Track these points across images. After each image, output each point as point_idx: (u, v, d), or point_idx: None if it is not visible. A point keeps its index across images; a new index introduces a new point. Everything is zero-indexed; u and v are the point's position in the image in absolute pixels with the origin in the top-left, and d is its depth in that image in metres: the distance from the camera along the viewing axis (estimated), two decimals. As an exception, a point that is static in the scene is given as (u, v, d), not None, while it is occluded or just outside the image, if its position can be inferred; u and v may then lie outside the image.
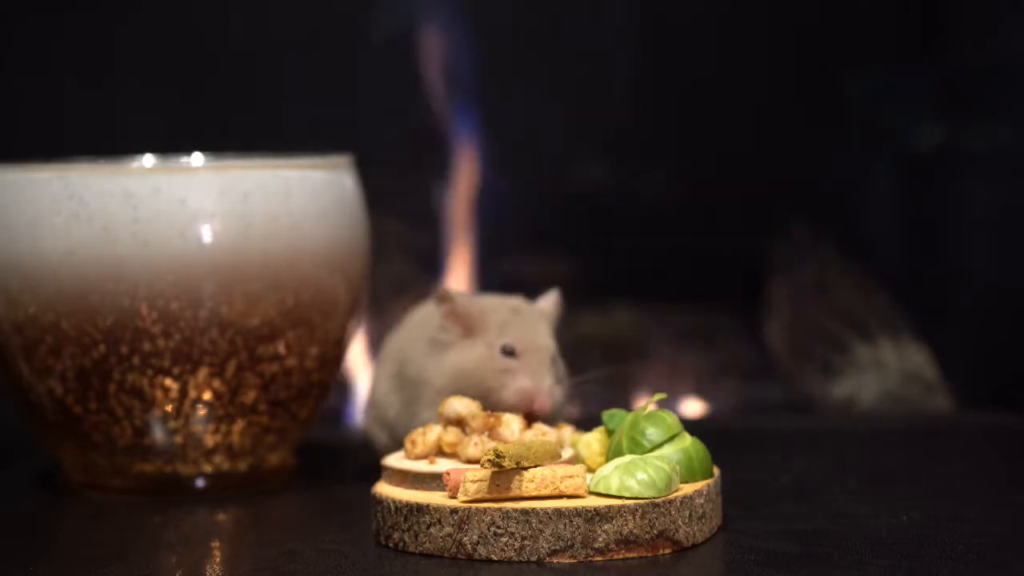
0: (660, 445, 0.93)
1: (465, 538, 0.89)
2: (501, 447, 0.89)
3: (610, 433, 0.96)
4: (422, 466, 0.94)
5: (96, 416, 1.08)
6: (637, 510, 0.89)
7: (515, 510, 0.88)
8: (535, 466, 0.90)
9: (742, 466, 1.11)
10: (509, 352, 1.03)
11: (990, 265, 1.48)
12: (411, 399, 1.06)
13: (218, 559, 0.94)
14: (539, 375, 1.02)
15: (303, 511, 1.09)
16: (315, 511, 1.08)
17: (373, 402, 1.11)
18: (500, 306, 1.05)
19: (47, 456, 1.18)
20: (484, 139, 1.50)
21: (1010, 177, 1.46)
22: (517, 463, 0.89)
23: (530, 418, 1.00)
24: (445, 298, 1.04)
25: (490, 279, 1.47)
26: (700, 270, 1.51)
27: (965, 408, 1.47)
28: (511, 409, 1.00)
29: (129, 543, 0.98)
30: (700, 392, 1.51)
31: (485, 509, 0.89)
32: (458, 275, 1.49)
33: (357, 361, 1.46)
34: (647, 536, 0.89)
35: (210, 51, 1.47)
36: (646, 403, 0.96)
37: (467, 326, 1.04)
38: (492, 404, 1.00)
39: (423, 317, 1.09)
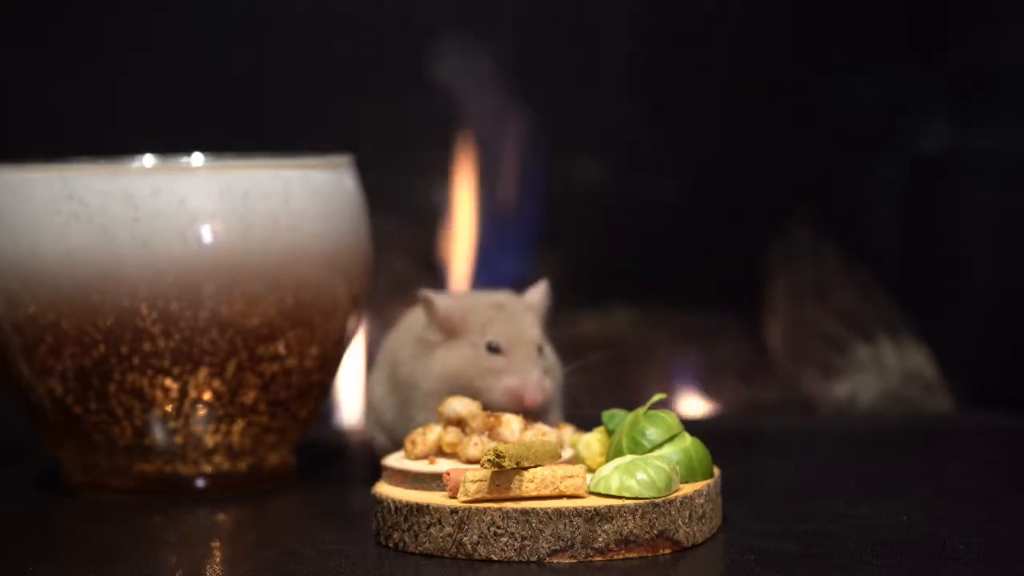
0: (660, 445, 0.93)
1: (465, 538, 0.89)
2: (501, 447, 0.89)
3: (610, 433, 0.96)
4: (422, 466, 0.94)
5: (96, 416, 1.08)
6: (637, 510, 0.89)
7: (515, 510, 0.88)
8: (535, 466, 0.90)
9: (742, 466, 1.11)
10: (494, 349, 1.03)
11: (990, 265, 1.48)
12: (404, 401, 1.06)
13: (218, 559, 0.94)
14: (525, 370, 1.02)
15: (303, 511, 1.09)
16: (315, 511, 1.08)
17: (371, 404, 1.11)
18: (482, 303, 1.05)
19: (47, 456, 1.18)
20: (484, 139, 1.50)
21: (1010, 177, 1.46)
22: (517, 463, 0.89)
23: (526, 415, 1.00)
24: (426, 302, 1.04)
25: (490, 279, 1.47)
26: (700, 270, 1.51)
27: (965, 408, 1.47)
28: (503, 408, 1.01)
29: (129, 543, 0.98)
30: (700, 392, 1.51)
31: (485, 509, 0.89)
32: (457, 275, 1.49)
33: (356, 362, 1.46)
34: (647, 536, 0.89)
35: (211, 51, 1.47)
36: (646, 403, 0.96)
37: (450, 329, 1.04)
38: (483, 404, 1.00)
39: (413, 319, 1.09)
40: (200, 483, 1.11)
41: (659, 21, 1.52)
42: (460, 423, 0.97)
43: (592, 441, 0.96)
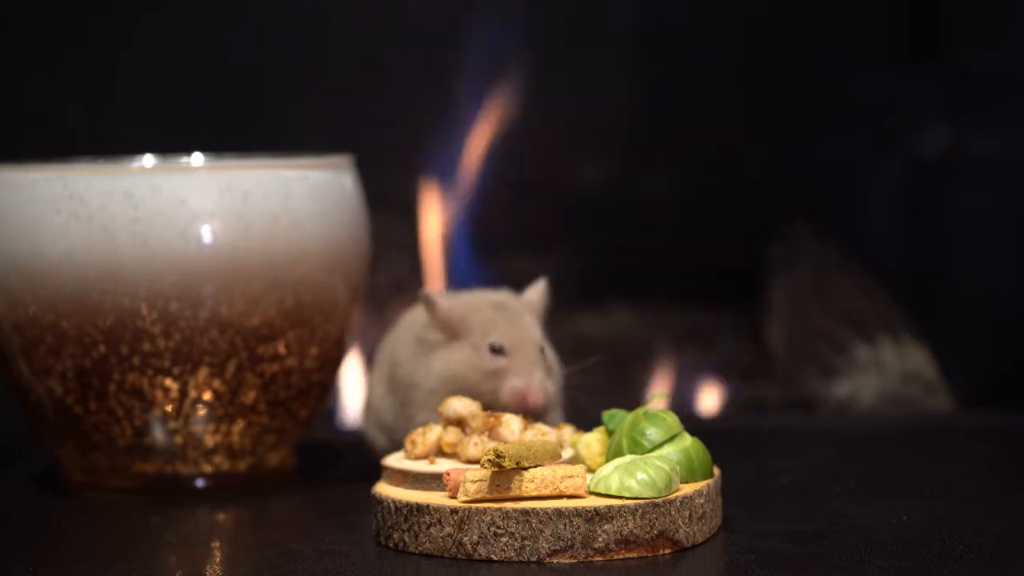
0: (660, 445, 0.93)
1: (465, 538, 0.89)
2: (501, 447, 0.89)
3: (610, 433, 0.96)
4: (422, 466, 0.94)
5: (96, 416, 1.08)
6: (637, 510, 0.88)
7: (515, 510, 0.88)
8: (535, 466, 0.90)
9: (742, 466, 1.11)
10: (497, 350, 1.03)
11: (990, 265, 1.48)
12: (404, 401, 1.06)
13: (218, 559, 0.94)
14: (528, 371, 1.02)
15: (303, 511, 1.09)
16: (315, 511, 1.08)
17: (371, 406, 1.11)
18: (484, 304, 1.05)
19: (47, 456, 1.18)
20: (483, 138, 1.50)
21: (1011, 178, 1.46)
22: (517, 463, 0.89)
23: (526, 415, 1.00)
24: (427, 303, 1.04)
25: (489, 279, 1.47)
26: (700, 270, 1.51)
27: (965, 408, 1.47)
28: (506, 409, 1.01)
29: (129, 543, 0.98)
30: (700, 392, 1.51)
31: (485, 509, 0.89)
32: (457, 276, 1.49)
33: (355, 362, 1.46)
34: (647, 536, 0.89)
35: (211, 51, 1.47)
36: (646, 403, 0.96)
37: (451, 329, 1.04)
38: (487, 406, 1.00)
39: (412, 319, 1.09)
40: (200, 483, 1.11)
41: (659, 21, 1.52)
42: (460, 423, 0.97)
43: (592, 441, 0.96)
